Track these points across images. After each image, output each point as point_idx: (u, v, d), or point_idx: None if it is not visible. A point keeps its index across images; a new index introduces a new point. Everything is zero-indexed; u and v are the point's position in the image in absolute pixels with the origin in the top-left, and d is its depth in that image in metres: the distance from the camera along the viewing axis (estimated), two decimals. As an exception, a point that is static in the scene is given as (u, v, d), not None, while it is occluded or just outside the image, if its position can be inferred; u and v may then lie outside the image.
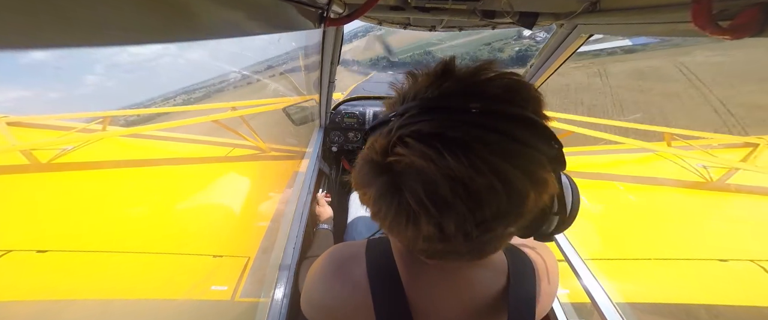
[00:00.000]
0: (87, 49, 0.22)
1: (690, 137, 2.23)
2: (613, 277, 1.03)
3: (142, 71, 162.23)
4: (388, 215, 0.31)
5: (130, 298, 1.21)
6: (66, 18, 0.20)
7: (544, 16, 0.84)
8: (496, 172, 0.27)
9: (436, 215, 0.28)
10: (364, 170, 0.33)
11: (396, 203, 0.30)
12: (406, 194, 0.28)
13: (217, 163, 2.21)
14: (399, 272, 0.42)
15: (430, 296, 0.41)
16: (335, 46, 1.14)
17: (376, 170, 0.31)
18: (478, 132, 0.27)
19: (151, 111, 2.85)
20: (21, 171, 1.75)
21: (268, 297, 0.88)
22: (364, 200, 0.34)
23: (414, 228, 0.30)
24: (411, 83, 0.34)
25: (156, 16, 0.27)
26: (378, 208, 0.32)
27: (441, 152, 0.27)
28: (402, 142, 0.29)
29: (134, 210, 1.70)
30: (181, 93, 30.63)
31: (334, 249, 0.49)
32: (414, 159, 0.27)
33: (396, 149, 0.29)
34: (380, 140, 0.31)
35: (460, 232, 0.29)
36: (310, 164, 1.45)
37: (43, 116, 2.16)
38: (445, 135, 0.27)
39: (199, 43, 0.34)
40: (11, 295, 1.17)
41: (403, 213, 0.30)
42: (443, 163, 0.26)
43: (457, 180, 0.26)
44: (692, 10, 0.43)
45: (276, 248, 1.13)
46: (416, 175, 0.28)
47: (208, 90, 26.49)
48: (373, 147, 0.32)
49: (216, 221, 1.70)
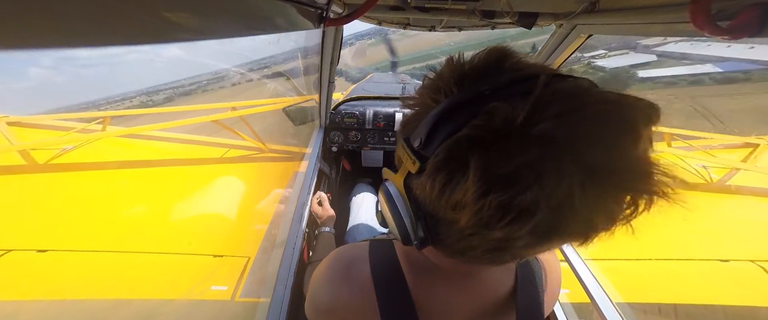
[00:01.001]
0: (87, 49, 0.22)
1: (690, 137, 2.23)
2: (613, 277, 1.03)
3: (103, 67, 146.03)
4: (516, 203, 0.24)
5: (131, 298, 1.21)
6: (65, 18, 0.20)
7: (544, 16, 0.85)
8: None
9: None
10: (492, 145, 0.25)
11: (554, 181, 0.23)
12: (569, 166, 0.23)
13: (217, 162, 2.21)
14: (404, 273, 0.41)
15: (437, 297, 0.41)
16: (335, 46, 1.14)
17: (519, 143, 0.24)
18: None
19: (151, 111, 2.84)
20: (21, 171, 1.75)
21: (268, 297, 0.88)
22: (477, 187, 0.25)
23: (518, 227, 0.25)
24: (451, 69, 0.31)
25: (155, 16, 0.27)
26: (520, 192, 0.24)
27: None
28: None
29: (134, 210, 1.70)
30: (144, 93, 29.18)
31: (339, 252, 0.49)
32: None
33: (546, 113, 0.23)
34: (505, 107, 0.25)
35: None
36: (310, 164, 1.45)
37: (42, 116, 2.16)
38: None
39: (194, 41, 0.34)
40: (11, 295, 1.17)
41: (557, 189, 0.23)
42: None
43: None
44: (691, 10, 0.43)
45: (276, 248, 1.13)
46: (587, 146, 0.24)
47: (182, 90, 25.79)
48: (500, 117, 0.25)
49: (216, 221, 1.70)
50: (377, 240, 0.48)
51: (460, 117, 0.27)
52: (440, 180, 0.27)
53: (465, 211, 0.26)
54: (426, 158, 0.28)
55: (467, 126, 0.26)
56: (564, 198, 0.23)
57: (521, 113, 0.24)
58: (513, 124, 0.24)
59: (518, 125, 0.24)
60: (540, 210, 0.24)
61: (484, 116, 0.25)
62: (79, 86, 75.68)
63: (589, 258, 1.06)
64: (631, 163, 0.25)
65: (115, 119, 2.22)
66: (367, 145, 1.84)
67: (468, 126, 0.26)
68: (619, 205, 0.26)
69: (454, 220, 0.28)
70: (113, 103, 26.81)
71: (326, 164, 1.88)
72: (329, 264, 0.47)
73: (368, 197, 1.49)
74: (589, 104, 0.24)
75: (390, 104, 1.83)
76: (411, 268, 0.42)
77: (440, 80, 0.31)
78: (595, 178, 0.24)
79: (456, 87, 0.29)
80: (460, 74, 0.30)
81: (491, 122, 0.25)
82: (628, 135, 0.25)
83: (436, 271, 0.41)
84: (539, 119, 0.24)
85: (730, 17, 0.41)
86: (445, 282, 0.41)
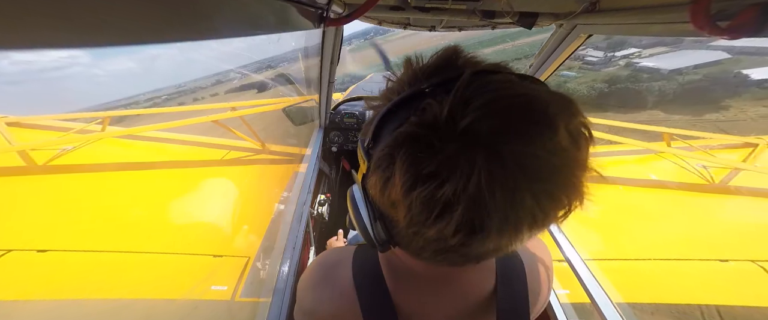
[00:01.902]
0: (87, 49, 0.22)
1: (689, 137, 2.23)
2: (613, 277, 1.03)
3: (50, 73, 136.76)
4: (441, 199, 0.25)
5: (131, 298, 1.21)
6: (66, 18, 0.20)
7: (544, 16, 0.85)
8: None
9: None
10: (421, 142, 0.25)
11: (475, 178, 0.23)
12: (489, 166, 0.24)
13: (217, 162, 2.21)
14: (384, 277, 0.42)
15: (417, 300, 0.41)
16: (335, 46, 1.14)
17: (445, 137, 0.25)
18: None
19: (150, 111, 2.85)
20: (21, 170, 1.75)
21: (268, 297, 0.88)
22: (405, 183, 0.26)
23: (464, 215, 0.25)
24: (407, 70, 0.32)
25: (156, 16, 0.27)
26: (432, 190, 0.25)
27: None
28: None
29: (134, 210, 1.70)
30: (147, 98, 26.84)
31: (323, 256, 0.49)
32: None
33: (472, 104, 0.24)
34: (434, 105, 0.25)
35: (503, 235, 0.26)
36: (310, 164, 1.45)
37: (42, 117, 2.15)
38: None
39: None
40: (11, 295, 1.17)
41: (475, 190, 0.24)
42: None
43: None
44: (691, 10, 0.43)
45: (276, 248, 1.13)
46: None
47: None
48: (430, 115, 0.25)
49: (216, 221, 1.70)
50: (364, 244, 0.48)
51: (402, 115, 0.28)
52: (380, 178, 0.28)
53: (399, 208, 0.27)
54: (372, 156, 0.29)
55: (407, 123, 0.26)
56: (476, 192, 0.24)
57: (446, 108, 0.25)
58: (439, 119, 0.25)
59: (443, 120, 0.25)
60: (459, 204, 0.24)
61: (418, 112, 0.26)
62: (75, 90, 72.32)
63: (589, 258, 1.06)
64: (545, 159, 0.25)
65: (115, 119, 2.22)
66: None
67: (406, 123, 0.26)
68: (539, 203, 0.25)
69: (396, 218, 0.29)
70: (115, 108, 25.90)
71: (326, 164, 1.88)
72: (313, 267, 0.48)
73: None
74: (506, 98, 0.25)
75: None
76: (391, 272, 0.42)
77: (397, 81, 0.32)
78: (507, 171, 0.24)
79: (408, 86, 0.30)
80: (414, 74, 0.31)
81: (423, 119, 0.26)
82: (544, 127, 0.25)
83: (413, 275, 0.41)
84: (464, 113, 0.24)
85: (729, 17, 0.41)
86: (423, 285, 0.41)
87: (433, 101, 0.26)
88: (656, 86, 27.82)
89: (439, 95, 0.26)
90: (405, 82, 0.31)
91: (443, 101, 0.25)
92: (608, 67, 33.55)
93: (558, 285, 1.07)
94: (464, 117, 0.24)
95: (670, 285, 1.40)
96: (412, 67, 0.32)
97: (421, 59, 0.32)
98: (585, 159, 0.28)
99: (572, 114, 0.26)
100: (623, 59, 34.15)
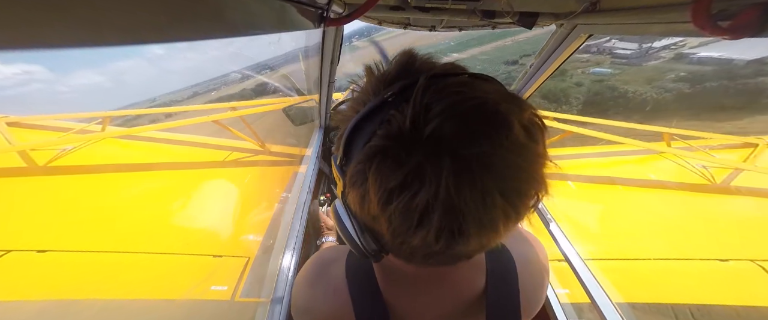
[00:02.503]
0: (87, 49, 0.22)
1: (689, 137, 2.23)
2: (613, 277, 1.03)
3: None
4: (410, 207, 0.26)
5: (131, 298, 1.21)
6: (66, 18, 0.20)
7: (544, 16, 0.84)
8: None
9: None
10: (385, 153, 0.26)
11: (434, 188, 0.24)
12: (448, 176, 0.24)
13: (216, 162, 2.21)
14: (376, 276, 0.42)
15: (408, 299, 0.42)
16: (335, 46, 1.14)
17: (407, 147, 0.25)
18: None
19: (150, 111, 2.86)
20: (21, 170, 1.75)
21: (268, 297, 0.88)
22: (377, 193, 0.27)
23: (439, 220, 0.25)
24: (373, 76, 0.32)
25: (155, 16, 0.27)
26: (399, 200, 0.25)
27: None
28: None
29: (135, 210, 1.70)
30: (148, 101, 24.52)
31: (318, 254, 0.50)
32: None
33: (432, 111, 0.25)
34: (397, 116, 0.26)
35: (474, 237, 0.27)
36: (310, 165, 1.45)
37: (42, 117, 2.15)
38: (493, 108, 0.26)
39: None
40: (11, 295, 1.17)
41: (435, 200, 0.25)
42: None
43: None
44: (692, 10, 0.43)
45: (276, 248, 1.13)
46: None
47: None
48: (394, 124, 0.26)
49: (216, 221, 1.70)
50: None
51: (368, 128, 0.28)
52: (357, 194, 0.29)
53: (381, 221, 0.28)
54: (346, 173, 0.30)
55: (374, 137, 0.27)
56: (447, 198, 0.24)
57: (408, 118, 0.25)
58: (403, 130, 0.25)
59: (408, 131, 0.25)
60: (435, 212, 0.25)
61: (384, 125, 0.27)
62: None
63: (589, 258, 1.06)
64: (507, 157, 0.25)
65: (115, 119, 2.22)
66: None
67: (375, 137, 0.27)
68: (509, 200, 0.26)
69: (380, 230, 0.30)
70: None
71: (326, 164, 1.88)
72: (308, 266, 0.49)
73: None
74: (462, 102, 0.25)
75: None
76: (382, 272, 0.42)
77: (362, 91, 0.32)
78: (474, 175, 0.24)
79: (372, 96, 0.30)
80: (376, 83, 0.31)
81: (389, 131, 0.26)
82: (500, 126, 0.25)
83: (404, 274, 0.42)
84: (425, 121, 0.24)
85: (730, 17, 0.41)
86: (414, 284, 0.42)
87: (395, 112, 0.26)
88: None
89: (400, 104, 0.26)
90: (369, 91, 0.31)
91: (404, 110, 0.25)
92: (650, 61, 28.00)
93: (558, 285, 1.07)
94: (427, 124, 0.24)
95: (670, 285, 1.40)
96: (374, 74, 0.32)
97: (381, 66, 0.32)
98: (543, 150, 0.29)
99: (522, 109, 0.27)
100: (667, 50, 28.57)
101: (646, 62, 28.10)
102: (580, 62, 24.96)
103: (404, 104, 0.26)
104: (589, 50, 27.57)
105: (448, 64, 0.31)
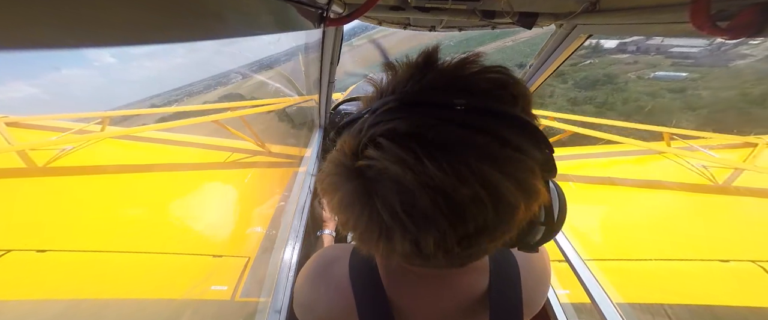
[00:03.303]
0: (87, 49, 0.22)
1: (689, 137, 2.23)
2: (613, 277, 1.03)
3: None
4: (358, 227, 0.28)
5: (131, 298, 1.21)
6: (66, 18, 0.20)
7: (544, 16, 0.85)
8: (483, 181, 0.23)
9: (414, 231, 0.25)
10: (331, 173, 0.29)
11: (367, 214, 0.26)
12: (378, 205, 0.25)
13: (216, 162, 2.21)
14: (380, 275, 0.42)
15: (412, 299, 0.42)
16: (335, 46, 1.14)
17: (344, 174, 0.27)
18: (463, 133, 0.24)
19: (150, 111, 2.85)
20: (21, 170, 1.75)
21: (268, 297, 0.88)
22: (331, 206, 0.30)
23: (387, 243, 0.27)
24: (390, 75, 0.30)
25: (155, 16, 0.27)
26: (346, 218, 0.28)
27: (419, 156, 0.23)
28: (374, 143, 0.25)
29: (135, 210, 1.70)
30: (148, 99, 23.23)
31: (321, 251, 0.50)
32: (387, 164, 0.24)
33: (367, 151, 0.25)
34: (349, 140, 0.27)
35: (440, 249, 0.26)
36: (309, 165, 1.45)
37: (42, 117, 2.15)
38: (425, 136, 0.24)
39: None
40: (11, 295, 1.17)
41: (375, 227, 0.26)
42: (421, 169, 0.23)
43: (437, 190, 0.23)
44: (691, 10, 0.43)
45: (276, 248, 1.13)
46: (390, 183, 0.24)
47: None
48: (342, 149, 0.28)
49: (216, 221, 1.70)
50: None
51: (344, 135, 0.30)
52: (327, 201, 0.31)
53: (347, 227, 0.30)
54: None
55: (336, 148, 0.30)
56: (389, 220, 0.26)
57: (351, 145, 0.27)
58: (345, 155, 0.28)
59: (349, 156, 0.27)
60: (394, 229, 0.26)
61: (345, 139, 0.29)
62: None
63: (589, 258, 1.06)
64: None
65: (115, 119, 2.22)
66: None
67: (337, 148, 0.30)
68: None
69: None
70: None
71: None
72: (310, 263, 0.48)
73: None
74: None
75: None
76: (387, 271, 0.42)
77: (375, 89, 0.31)
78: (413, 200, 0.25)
79: (372, 101, 0.30)
80: (382, 89, 0.30)
81: (342, 150, 0.28)
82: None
83: (408, 272, 0.41)
84: (362, 154, 0.26)
85: (729, 17, 0.41)
86: (417, 282, 0.41)
87: (347, 137, 0.28)
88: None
89: (366, 125, 0.27)
90: (377, 93, 0.31)
91: (354, 136, 0.27)
92: (734, 61, 20.53)
93: (558, 285, 1.07)
94: (361, 158, 0.26)
95: (670, 285, 1.40)
96: (395, 70, 0.31)
97: (399, 65, 0.30)
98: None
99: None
100: (748, 47, 19.83)
101: (731, 63, 22.39)
102: (624, 65, 22.38)
103: (367, 126, 0.27)
104: (626, 50, 25.10)
105: (459, 80, 0.28)
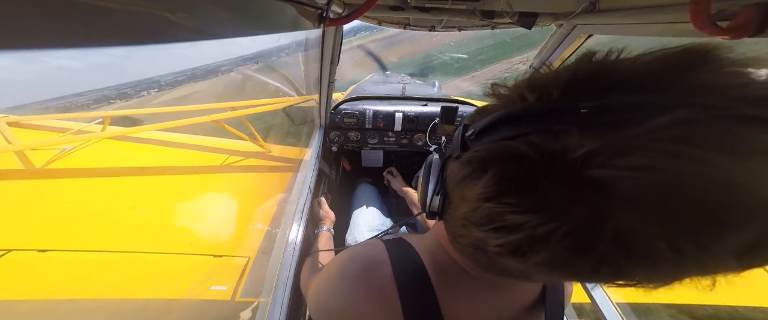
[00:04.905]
0: (87, 49, 0.22)
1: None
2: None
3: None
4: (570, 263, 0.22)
5: (130, 298, 1.21)
6: (65, 18, 0.20)
7: (544, 16, 0.85)
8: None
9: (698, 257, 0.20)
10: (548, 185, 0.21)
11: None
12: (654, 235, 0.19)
13: (217, 162, 2.21)
14: (430, 276, 0.38)
15: (466, 306, 0.38)
16: (335, 46, 1.14)
17: (573, 186, 0.20)
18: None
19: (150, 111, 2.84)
20: (21, 170, 1.75)
21: (268, 297, 0.88)
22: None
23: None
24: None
25: (155, 16, 0.27)
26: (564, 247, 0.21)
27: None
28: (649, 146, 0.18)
29: (135, 210, 1.70)
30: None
31: (353, 251, 0.45)
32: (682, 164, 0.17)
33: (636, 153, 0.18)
34: (570, 140, 0.20)
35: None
36: (310, 165, 1.45)
37: (42, 116, 2.16)
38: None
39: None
40: (11, 295, 1.17)
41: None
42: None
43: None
44: (691, 10, 0.43)
45: (276, 248, 1.13)
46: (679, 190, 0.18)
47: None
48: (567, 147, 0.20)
49: (216, 221, 1.70)
50: (390, 240, 0.45)
51: (523, 126, 0.23)
52: (464, 172, 0.28)
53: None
54: (468, 149, 0.29)
55: (520, 140, 0.22)
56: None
57: (583, 148, 0.19)
58: (566, 157, 0.20)
59: (569, 161, 0.19)
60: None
61: (545, 136, 0.21)
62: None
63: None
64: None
65: (115, 118, 2.22)
66: (367, 145, 1.84)
67: (520, 140, 0.22)
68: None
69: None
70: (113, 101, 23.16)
71: (326, 165, 1.88)
72: (343, 264, 0.43)
73: (369, 197, 1.49)
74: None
75: (390, 103, 1.83)
76: (436, 270, 0.38)
77: (550, 78, 0.24)
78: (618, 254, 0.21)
79: (559, 91, 0.22)
80: (567, 79, 0.22)
81: (544, 147, 0.21)
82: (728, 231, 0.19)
83: (463, 275, 0.38)
84: (604, 163, 0.18)
85: (730, 17, 0.41)
86: (472, 287, 0.38)
87: (575, 130, 0.20)
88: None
89: (589, 123, 0.20)
90: (551, 82, 0.23)
91: (588, 136, 0.19)
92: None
93: (558, 285, 1.07)
94: (602, 168, 0.18)
95: (671, 286, 1.40)
96: (588, 66, 0.23)
97: (616, 55, 0.22)
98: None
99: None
100: None
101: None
102: None
103: (595, 126, 0.19)
104: None
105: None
